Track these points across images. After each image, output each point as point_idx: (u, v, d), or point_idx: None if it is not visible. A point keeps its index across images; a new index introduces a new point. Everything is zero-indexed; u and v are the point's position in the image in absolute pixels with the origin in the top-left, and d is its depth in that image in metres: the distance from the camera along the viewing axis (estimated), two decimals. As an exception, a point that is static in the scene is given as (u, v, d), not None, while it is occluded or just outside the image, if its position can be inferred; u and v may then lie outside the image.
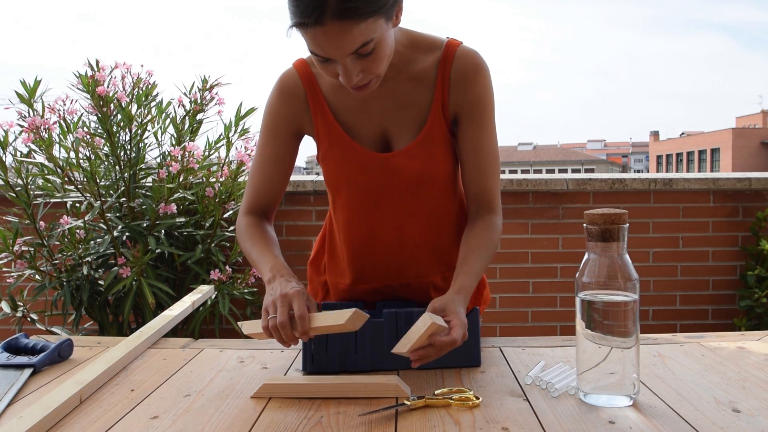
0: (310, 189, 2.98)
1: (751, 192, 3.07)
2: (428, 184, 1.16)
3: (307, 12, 0.89)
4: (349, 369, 1.05)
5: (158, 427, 0.84)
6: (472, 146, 1.14)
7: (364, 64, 0.96)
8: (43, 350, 1.12)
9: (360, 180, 1.15)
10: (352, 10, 0.89)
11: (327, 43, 0.92)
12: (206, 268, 2.63)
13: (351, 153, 1.13)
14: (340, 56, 0.94)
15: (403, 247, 1.20)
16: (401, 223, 1.18)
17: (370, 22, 0.91)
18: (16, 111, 2.44)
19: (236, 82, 3.71)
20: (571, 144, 75.99)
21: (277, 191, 1.20)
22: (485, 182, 1.15)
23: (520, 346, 1.17)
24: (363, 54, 0.94)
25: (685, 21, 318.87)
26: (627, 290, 0.86)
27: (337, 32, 0.90)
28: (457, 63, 1.11)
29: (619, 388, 0.87)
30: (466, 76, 1.11)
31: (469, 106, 1.12)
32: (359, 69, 0.97)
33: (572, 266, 3.05)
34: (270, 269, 1.03)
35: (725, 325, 3.09)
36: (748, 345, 1.15)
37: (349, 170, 1.15)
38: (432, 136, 1.12)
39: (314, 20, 0.89)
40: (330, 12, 0.88)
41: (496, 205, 1.17)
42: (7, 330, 2.93)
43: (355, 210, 1.19)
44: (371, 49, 0.94)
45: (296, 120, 1.16)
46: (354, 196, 1.18)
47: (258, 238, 1.13)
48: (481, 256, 1.10)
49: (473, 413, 0.87)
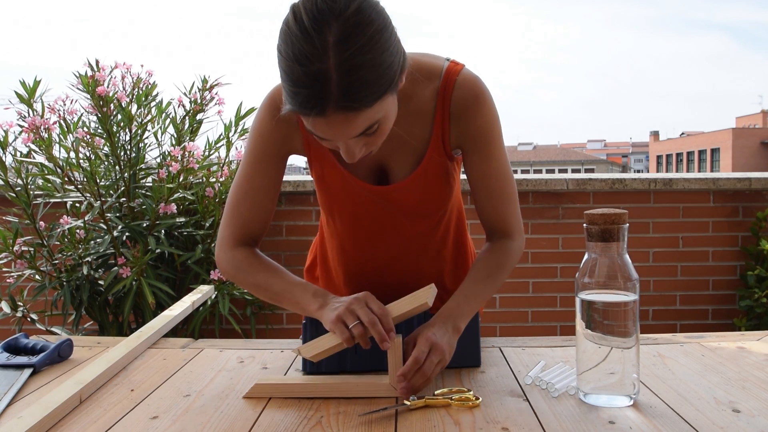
0: (310, 189, 2.98)
1: (751, 192, 3.07)
2: (423, 216, 1.13)
3: (309, 103, 0.82)
4: (348, 369, 1.05)
5: (158, 427, 0.84)
6: (479, 175, 1.10)
7: (368, 140, 0.91)
8: (43, 350, 1.12)
9: (353, 210, 1.12)
10: (357, 100, 0.81)
11: (330, 132, 0.86)
12: (206, 268, 2.63)
13: (345, 184, 1.09)
14: (342, 141, 0.89)
15: (397, 273, 1.18)
16: (395, 252, 1.16)
17: (376, 106, 0.84)
18: (16, 111, 2.44)
19: (236, 82, 3.71)
20: (571, 144, 76.01)
21: (268, 218, 1.12)
22: (497, 208, 1.11)
23: (520, 346, 1.17)
24: (369, 134, 0.89)
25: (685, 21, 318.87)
26: (627, 290, 0.86)
27: (342, 123, 0.84)
28: (457, 94, 1.04)
29: (619, 388, 0.87)
30: (467, 108, 1.05)
31: (473, 137, 1.07)
32: (362, 145, 0.91)
33: (572, 266, 3.05)
34: (312, 295, 0.99)
35: (725, 325, 3.09)
36: (748, 345, 1.15)
37: (343, 200, 1.11)
38: (429, 170, 1.08)
39: (316, 113, 0.82)
40: (333, 104, 0.81)
41: (511, 229, 1.13)
42: (7, 330, 2.93)
43: (348, 237, 1.17)
44: (376, 129, 0.88)
45: (287, 143, 1.09)
46: (347, 224, 1.15)
47: (273, 268, 1.07)
48: (480, 279, 1.07)
49: (473, 413, 0.87)
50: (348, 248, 1.18)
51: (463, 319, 1.01)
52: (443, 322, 0.98)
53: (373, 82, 0.82)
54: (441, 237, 1.19)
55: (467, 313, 1.02)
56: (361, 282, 1.19)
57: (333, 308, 0.94)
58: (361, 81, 0.81)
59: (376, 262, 1.17)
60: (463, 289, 1.05)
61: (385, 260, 1.17)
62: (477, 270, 1.08)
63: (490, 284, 1.07)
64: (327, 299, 0.97)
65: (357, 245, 1.17)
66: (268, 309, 2.93)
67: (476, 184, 1.11)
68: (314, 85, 0.80)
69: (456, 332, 0.99)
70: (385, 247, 1.16)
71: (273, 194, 1.11)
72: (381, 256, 1.17)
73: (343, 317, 0.91)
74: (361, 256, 1.18)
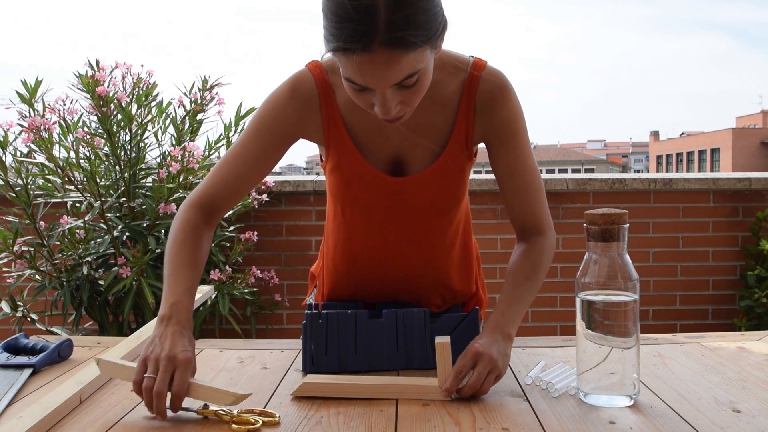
0: (310, 189, 2.98)
1: (751, 192, 3.07)
2: (436, 213, 1.13)
3: (354, 37, 0.81)
4: (348, 369, 1.05)
5: (158, 427, 0.84)
6: (507, 170, 1.10)
7: (404, 95, 0.90)
8: (43, 350, 1.12)
9: (367, 200, 1.11)
10: (403, 39, 0.82)
11: (372, 72, 0.85)
12: (206, 268, 2.62)
13: (361, 173, 1.08)
14: (382, 87, 0.87)
15: (403, 268, 1.17)
16: (404, 247, 1.15)
17: (419, 52, 0.85)
18: (16, 111, 2.44)
19: (236, 82, 3.70)
20: (571, 144, 76.03)
21: (241, 191, 1.09)
22: (527, 204, 1.11)
23: (520, 346, 1.17)
24: (406, 86, 0.88)
25: (685, 21, 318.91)
26: (627, 290, 0.86)
27: (386, 61, 0.83)
28: (483, 86, 1.05)
29: (619, 389, 0.87)
30: (493, 101, 1.05)
31: (498, 131, 1.07)
32: (398, 100, 0.90)
33: (572, 266, 3.05)
34: (170, 306, 0.93)
35: (725, 325, 3.09)
36: (749, 345, 1.15)
37: (358, 190, 1.10)
38: (448, 165, 1.08)
39: (362, 47, 0.82)
40: (379, 39, 0.81)
41: (542, 225, 1.13)
42: (7, 330, 2.93)
43: (357, 228, 1.16)
44: (415, 81, 0.88)
45: (301, 125, 1.08)
46: (358, 215, 1.14)
47: (185, 252, 1.01)
48: (519, 282, 1.07)
49: (473, 413, 0.87)
50: (357, 239, 1.17)
51: (511, 325, 1.00)
52: (491, 332, 0.98)
53: (420, 24, 0.83)
54: (451, 236, 1.18)
55: (514, 319, 1.02)
56: (365, 274, 1.19)
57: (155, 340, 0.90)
58: (408, 19, 0.82)
59: (384, 254, 1.17)
60: (505, 296, 1.05)
61: (393, 253, 1.16)
62: (516, 273, 1.08)
63: (530, 286, 1.07)
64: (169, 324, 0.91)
65: (367, 237, 1.16)
66: (268, 309, 2.93)
67: (505, 180, 1.11)
68: (362, 18, 0.81)
69: (507, 339, 0.98)
70: (395, 241, 1.15)
71: (258, 169, 1.08)
72: (390, 249, 1.16)
73: (148, 362, 0.87)
74: (369, 249, 1.17)
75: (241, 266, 2.87)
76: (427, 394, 0.93)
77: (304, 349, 1.07)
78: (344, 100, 1.06)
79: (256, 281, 2.71)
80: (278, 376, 1.05)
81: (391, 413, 0.87)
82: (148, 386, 0.85)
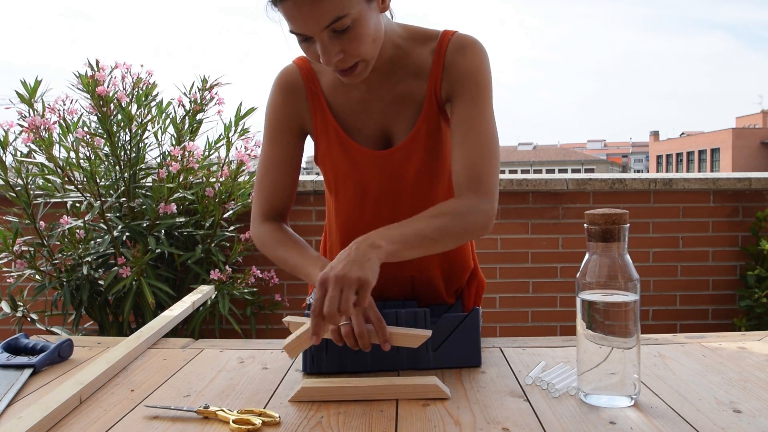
0: (310, 189, 2.98)
1: (751, 192, 3.07)
2: (427, 181, 1.14)
3: None
4: (348, 369, 1.05)
5: (158, 428, 0.84)
6: (461, 123, 1.05)
7: (342, 43, 0.95)
8: (43, 350, 1.12)
9: (358, 179, 1.14)
10: None
11: (299, 15, 0.91)
12: (206, 268, 2.63)
13: (349, 152, 1.12)
14: (314, 31, 0.93)
15: None
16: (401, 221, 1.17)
17: None
18: (16, 111, 2.44)
19: (236, 82, 3.70)
20: (571, 144, 75.98)
21: (290, 193, 1.17)
22: (473, 161, 1.03)
23: (520, 347, 1.17)
24: (339, 30, 0.93)
25: (685, 20, 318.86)
26: (628, 290, 0.86)
27: (310, 2, 0.90)
28: (451, 46, 1.08)
29: (619, 389, 0.87)
30: (459, 53, 1.08)
31: (461, 81, 1.07)
32: (338, 48, 0.95)
33: (572, 266, 3.05)
34: (321, 267, 1.00)
35: (725, 325, 3.10)
36: (749, 345, 1.15)
37: (348, 170, 1.14)
38: (426, 130, 1.10)
39: None
40: None
41: (484, 187, 1.03)
42: (7, 330, 2.93)
43: (354, 208, 1.19)
44: (347, 26, 0.93)
45: (299, 117, 1.14)
46: (353, 195, 1.17)
47: (290, 243, 1.10)
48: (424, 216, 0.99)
49: (473, 413, 0.87)
50: (355, 220, 1.19)
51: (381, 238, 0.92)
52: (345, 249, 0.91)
53: None
54: None
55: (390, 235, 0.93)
56: None
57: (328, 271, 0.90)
58: None
59: None
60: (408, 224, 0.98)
61: None
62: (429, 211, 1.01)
63: (432, 223, 0.98)
64: None
65: (364, 216, 1.18)
66: (268, 309, 2.93)
67: (457, 133, 1.05)
68: None
69: (369, 248, 0.90)
70: (390, 217, 1.14)
71: (290, 169, 1.16)
72: None
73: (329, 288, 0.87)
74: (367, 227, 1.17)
75: (241, 266, 2.87)
76: (427, 394, 0.92)
77: (304, 350, 1.07)
78: (328, 83, 1.12)
79: (256, 281, 2.71)
80: (278, 376, 1.05)
81: (391, 413, 0.87)
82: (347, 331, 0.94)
